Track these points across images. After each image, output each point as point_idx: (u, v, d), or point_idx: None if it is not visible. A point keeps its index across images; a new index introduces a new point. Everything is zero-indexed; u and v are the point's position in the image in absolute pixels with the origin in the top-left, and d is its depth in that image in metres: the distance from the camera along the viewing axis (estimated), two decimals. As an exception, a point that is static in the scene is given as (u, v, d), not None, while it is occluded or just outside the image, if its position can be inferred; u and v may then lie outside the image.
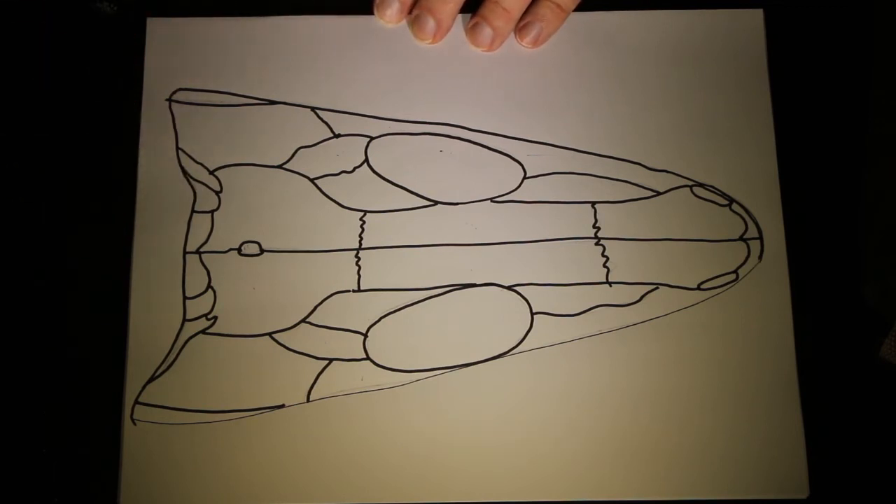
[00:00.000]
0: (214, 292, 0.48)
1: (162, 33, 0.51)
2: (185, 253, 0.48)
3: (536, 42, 0.50)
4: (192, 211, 0.49)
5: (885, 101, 0.50)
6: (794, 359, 0.47)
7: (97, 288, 0.48)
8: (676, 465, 0.46)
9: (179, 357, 0.47)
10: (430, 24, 0.50)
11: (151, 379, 0.47)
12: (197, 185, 0.49)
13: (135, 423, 0.46)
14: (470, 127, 0.50)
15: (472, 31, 0.51)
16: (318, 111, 0.50)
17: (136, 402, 0.47)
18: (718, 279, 0.48)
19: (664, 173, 0.49)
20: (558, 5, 0.50)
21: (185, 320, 0.48)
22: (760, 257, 0.48)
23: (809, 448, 0.46)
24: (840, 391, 0.47)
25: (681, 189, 0.49)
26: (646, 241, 0.49)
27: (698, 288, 0.48)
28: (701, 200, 0.49)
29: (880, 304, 0.47)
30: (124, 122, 0.50)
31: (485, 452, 0.46)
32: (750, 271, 0.48)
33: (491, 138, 0.50)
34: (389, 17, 0.51)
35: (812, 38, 0.52)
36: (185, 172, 0.49)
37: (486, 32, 0.50)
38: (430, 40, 0.51)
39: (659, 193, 0.49)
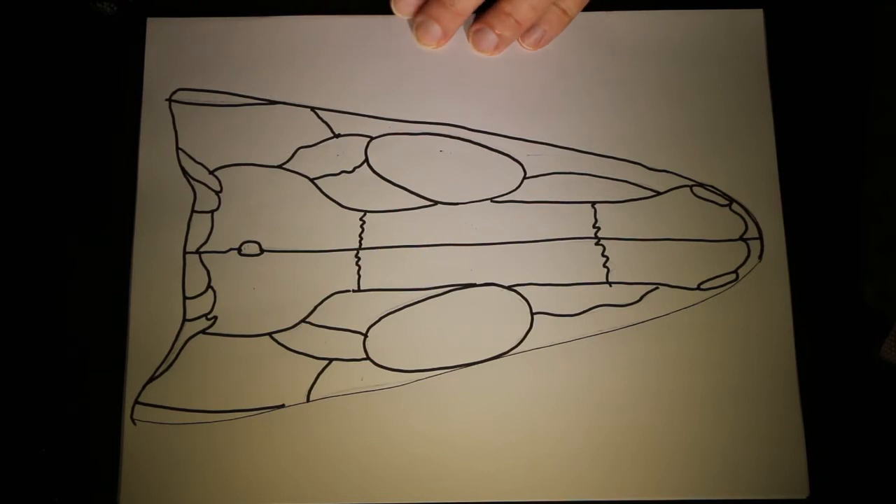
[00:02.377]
0: (214, 292, 0.48)
1: (162, 33, 0.51)
2: (185, 253, 0.48)
3: (538, 45, 0.50)
4: (192, 211, 0.49)
5: (886, 101, 0.50)
6: (794, 359, 0.47)
7: (97, 288, 0.48)
8: (676, 465, 0.46)
9: (179, 357, 0.47)
10: (436, 30, 0.50)
11: (151, 379, 0.47)
12: (197, 185, 0.49)
13: (135, 423, 0.46)
14: (470, 127, 0.50)
15: (475, 36, 0.50)
16: (318, 111, 0.50)
17: (136, 402, 0.47)
18: (718, 279, 0.48)
19: (664, 173, 0.49)
20: (563, 11, 0.50)
21: (185, 320, 0.48)
22: (760, 257, 0.48)
23: (809, 448, 0.46)
24: (840, 391, 0.47)
25: (681, 189, 0.49)
26: (646, 240, 0.49)
27: (698, 288, 0.48)
28: (701, 200, 0.49)
29: (880, 304, 0.47)
30: (124, 122, 0.50)
31: (485, 452, 0.46)
32: (750, 271, 0.48)
33: (491, 138, 0.50)
34: (402, 10, 0.51)
35: (812, 38, 0.51)
36: (185, 172, 0.49)
37: (491, 38, 0.50)
38: (434, 46, 0.51)
39: (659, 193, 0.49)
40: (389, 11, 0.51)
